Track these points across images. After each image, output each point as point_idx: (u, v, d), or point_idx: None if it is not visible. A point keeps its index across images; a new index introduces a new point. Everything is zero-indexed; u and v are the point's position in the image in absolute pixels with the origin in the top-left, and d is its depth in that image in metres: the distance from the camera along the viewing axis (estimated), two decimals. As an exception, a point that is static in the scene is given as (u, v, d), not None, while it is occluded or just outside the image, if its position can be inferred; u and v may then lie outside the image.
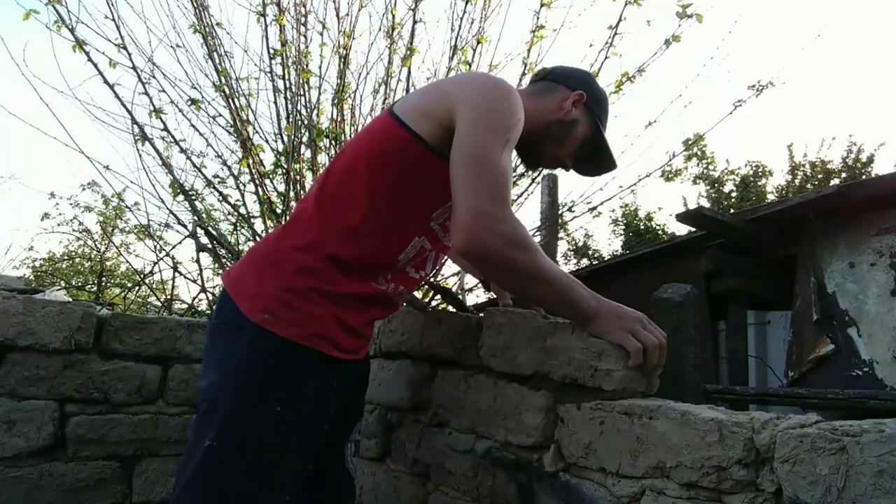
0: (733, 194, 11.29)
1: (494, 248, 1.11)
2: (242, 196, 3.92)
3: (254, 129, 3.82)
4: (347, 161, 1.28)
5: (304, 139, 3.84)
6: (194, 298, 5.75)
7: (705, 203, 11.10)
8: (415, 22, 3.61)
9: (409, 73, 3.67)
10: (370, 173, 1.23)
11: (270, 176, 3.84)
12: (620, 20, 3.64)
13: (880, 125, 26.51)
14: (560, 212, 4.88)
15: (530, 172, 4.01)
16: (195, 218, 3.76)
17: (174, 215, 3.85)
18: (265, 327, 1.17)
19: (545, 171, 4.33)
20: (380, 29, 3.81)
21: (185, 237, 3.90)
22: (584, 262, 10.82)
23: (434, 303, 3.55)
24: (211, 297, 4.16)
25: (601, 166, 1.53)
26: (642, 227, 10.89)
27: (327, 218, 1.25)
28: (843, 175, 10.59)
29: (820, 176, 10.68)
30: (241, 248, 4.05)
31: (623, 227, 11.26)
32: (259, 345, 1.18)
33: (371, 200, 1.23)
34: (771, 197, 10.83)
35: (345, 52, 3.86)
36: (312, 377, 1.21)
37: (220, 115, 3.86)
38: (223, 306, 1.25)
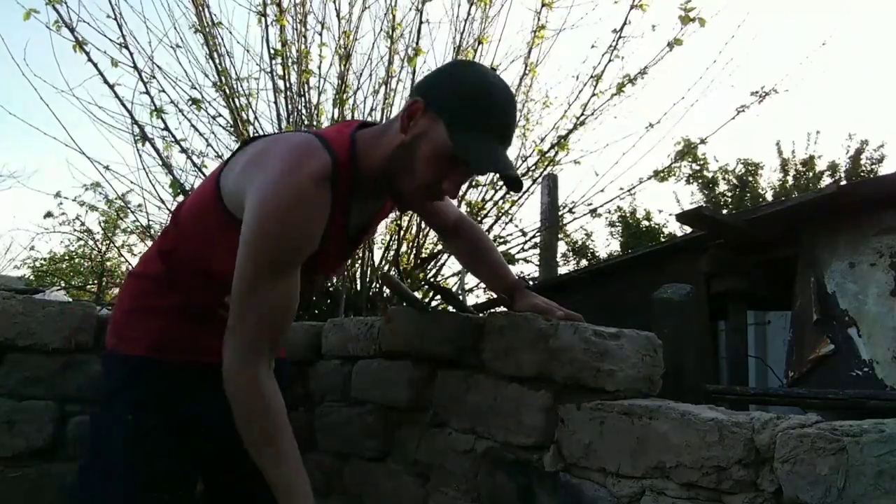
0: (728, 193, 11.29)
1: (232, 396, 1.13)
2: (243, 196, 3.89)
3: (254, 129, 3.82)
4: (185, 210, 1.34)
5: (305, 139, 3.82)
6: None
7: (700, 202, 11.11)
8: (420, 22, 3.61)
9: (414, 72, 3.66)
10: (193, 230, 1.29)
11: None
12: (625, 24, 3.63)
13: (881, 126, 26.52)
14: (561, 213, 4.88)
15: (531, 172, 4.01)
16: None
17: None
18: (113, 350, 1.31)
19: (545, 172, 4.33)
20: (381, 29, 3.81)
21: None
22: (584, 262, 10.81)
23: (434, 303, 3.55)
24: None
25: (505, 175, 1.20)
26: (643, 228, 10.88)
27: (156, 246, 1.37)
28: (838, 170, 10.62)
29: (813, 172, 10.71)
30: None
31: (621, 229, 11.25)
32: (113, 367, 1.32)
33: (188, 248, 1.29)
34: (766, 195, 10.84)
35: (345, 52, 3.85)
36: (169, 383, 1.27)
37: (221, 115, 3.86)
38: None
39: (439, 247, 3.82)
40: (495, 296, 1.68)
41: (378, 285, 3.69)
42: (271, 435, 1.13)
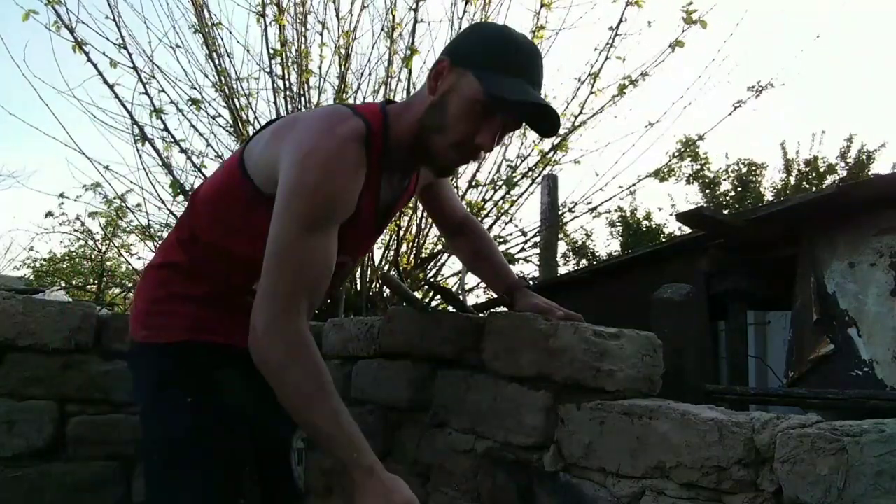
0: (729, 193, 11.28)
1: (272, 360, 1.05)
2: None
3: (254, 129, 3.81)
4: (203, 195, 1.30)
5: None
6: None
7: (699, 202, 11.11)
8: (415, 22, 3.61)
9: (410, 73, 3.67)
10: (216, 211, 1.26)
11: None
12: (621, 21, 3.63)
13: (881, 126, 26.52)
14: (560, 212, 4.87)
15: (531, 172, 4.01)
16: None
17: (174, 216, 3.85)
18: (146, 342, 1.27)
19: (545, 172, 4.33)
20: (382, 29, 3.81)
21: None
22: (584, 262, 10.81)
23: (434, 303, 3.55)
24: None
25: (536, 111, 1.17)
26: (643, 228, 10.88)
27: (174, 236, 1.34)
28: (840, 171, 10.61)
29: (816, 172, 10.69)
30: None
31: (621, 229, 11.25)
32: (154, 357, 1.26)
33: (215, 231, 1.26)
34: (768, 195, 10.83)
35: (345, 52, 3.85)
36: (208, 366, 1.24)
37: (220, 115, 3.86)
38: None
39: (439, 247, 3.82)
40: (495, 296, 1.69)
41: (378, 285, 3.69)
42: (324, 388, 1.05)
